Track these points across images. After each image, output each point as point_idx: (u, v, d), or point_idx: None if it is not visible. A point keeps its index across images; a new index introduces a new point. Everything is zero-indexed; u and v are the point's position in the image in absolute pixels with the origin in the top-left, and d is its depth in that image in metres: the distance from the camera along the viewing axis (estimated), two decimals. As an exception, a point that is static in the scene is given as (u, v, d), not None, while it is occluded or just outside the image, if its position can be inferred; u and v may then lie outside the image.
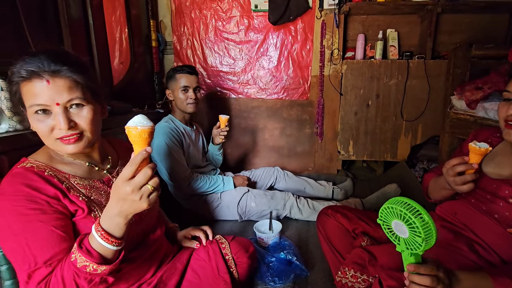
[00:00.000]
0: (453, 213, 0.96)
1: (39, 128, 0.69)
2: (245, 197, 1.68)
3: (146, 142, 0.60)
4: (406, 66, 2.04)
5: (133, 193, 0.57)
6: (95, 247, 0.61)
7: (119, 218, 0.60)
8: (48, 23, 1.25)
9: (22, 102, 0.69)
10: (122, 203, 0.59)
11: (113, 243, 0.61)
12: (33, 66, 0.65)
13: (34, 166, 0.70)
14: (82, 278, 0.61)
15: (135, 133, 0.59)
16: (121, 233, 0.62)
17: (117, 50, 2.03)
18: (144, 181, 0.58)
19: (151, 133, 0.60)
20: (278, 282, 1.12)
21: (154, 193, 0.60)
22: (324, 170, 2.37)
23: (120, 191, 0.58)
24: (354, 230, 1.11)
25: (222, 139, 1.82)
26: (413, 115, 2.11)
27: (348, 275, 0.97)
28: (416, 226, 0.60)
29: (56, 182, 0.69)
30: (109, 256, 0.63)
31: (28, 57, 0.67)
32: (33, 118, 0.68)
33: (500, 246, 0.82)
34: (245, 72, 2.31)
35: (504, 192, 0.83)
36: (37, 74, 0.65)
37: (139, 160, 0.58)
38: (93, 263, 0.60)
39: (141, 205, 0.59)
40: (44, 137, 0.71)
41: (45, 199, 0.66)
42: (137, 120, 0.59)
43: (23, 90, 0.67)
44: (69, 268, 0.61)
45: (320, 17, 2.11)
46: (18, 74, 0.66)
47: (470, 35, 2.09)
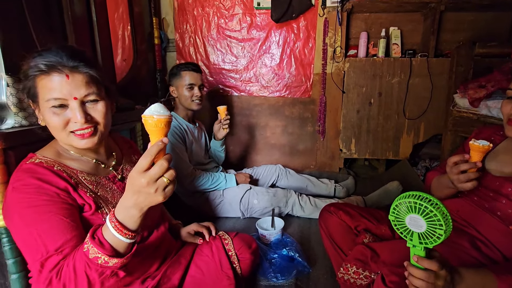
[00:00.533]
0: (456, 211, 0.96)
1: (54, 122, 0.70)
2: (248, 194, 1.69)
3: (162, 132, 0.58)
4: (409, 64, 2.04)
5: (148, 186, 0.56)
6: (108, 238, 0.61)
7: (134, 210, 0.59)
8: (52, 19, 1.26)
9: (35, 96, 0.70)
10: (138, 195, 0.57)
11: (126, 236, 0.60)
12: (53, 60, 0.67)
13: (43, 162, 0.71)
14: (93, 270, 0.60)
15: (151, 122, 0.56)
16: (135, 226, 0.61)
17: (120, 47, 2.03)
18: (160, 173, 0.56)
19: (168, 123, 0.58)
20: (280, 278, 1.13)
21: (170, 186, 0.58)
22: (326, 168, 2.37)
23: (135, 183, 0.57)
24: (356, 227, 1.11)
25: (225, 129, 1.81)
26: (416, 114, 2.11)
27: (350, 272, 0.98)
28: (437, 219, 0.60)
29: (66, 176, 0.71)
30: (121, 249, 0.62)
31: (45, 51, 0.68)
32: (48, 111, 0.69)
33: (502, 243, 0.82)
34: (248, 70, 2.31)
35: (507, 189, 0.83)
36: (56, 68, 0.67)
37: (155, 151, 0.56)
38: (105, 255, 0.59)
39: (157, 198, 0.57)
40: (57, 131, 0.71)
41: (55, 191, 0.67)
42: (154, 109, 0.57)
43: (40, 84, 0.68)
44: (81, 258, 0.61)
45: (323, 14, 2.11)
46: (35, 68, 0.67)
47: (473, 33, 2.09)
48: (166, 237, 0.95)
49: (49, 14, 1.24)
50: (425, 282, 0.64)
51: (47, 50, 0.69)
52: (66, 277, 0.62)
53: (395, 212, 0.69)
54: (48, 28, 1.22)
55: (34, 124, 0.95)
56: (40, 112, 0.72)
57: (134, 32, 1.96)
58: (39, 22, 1.16)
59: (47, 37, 1.18)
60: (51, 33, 1.22)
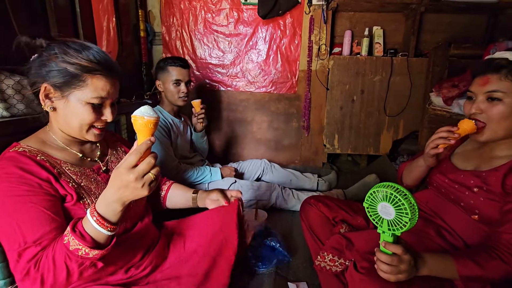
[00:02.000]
0: (425, 202, 1.03)
1: (89, 116, 0.75)
2: (232, 188, 1.72)
3: (150, 132, 0.63)
4: (390, 63, 2.12)
5: (136, 181, 0.60)
6: (88, 231, 0.63)
7: (116, 204, 0.62)
8: (35, 10, 1.24)
9: (71, 87, 0.72)
10: (124, 189, 0.61)
11: (107, 228, 0.63)
12: (110, 63, 0.76)
13: (27, 151, 0.71)
14: (73, 261, 0.62)
15: (141, 123, 0.61)
16: (116, 219, 0.64)
17: (105, 39, 2.00)
18: (147, 169, 0.60)
19: (156, 124, 0.64)
20: (261, 267, 1.18)
21: (155, 182, 0.63)
22: (310, 163, 2.44)
23: (123, 178, 0.60)
24: (334, 218, 1.17)
25: (201, 122, 1.83)
26: (396, 111, 2.20)
27: (327, 259, 1.03)
28: (404, 208, 0.66)
29: (48, 166, 0.72)
30: (101, 241, 0.64)
31: (91, 50, 0.74)
32: (85, 105, 0.74)
33: (464, 231, 0.89)
34: (234, 65, 2.33)
35: (469, 182, 0.89)
36: (112, 72, 0.76)
37: (144, 149, 0.61)
38: (86, 247, 0.61)
39: (142, 192, 0.61)
40: (82, 124, 0.76)
41: (37, 182, 0.68)
42: (144, 110, 0.62)
43: (91, 81, 0.73)
44: (61, 250, 0.62)
45: (309, 12, 2.15)
46: (92, 67, 0.72)
47: (451, 35, 2.18)
48: (150, 228, 0.98)
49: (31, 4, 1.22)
50: (390, 265, 0.69)
51: (97, 50, 0.75)
52: (44, 268, 0.64)
53: (369, 200, 0.74)
54: (30, 18, 1.20)
55: (15, 115, 0.94)
56: (65, 101, 0.74)
57: (119, 24, 1.94)
58: (21, 12, 1.15)
59: (29, 27, 1.17)
60: (33, 24, 1.21)
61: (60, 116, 0.76)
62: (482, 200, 0.83)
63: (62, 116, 0.76)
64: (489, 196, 0.82)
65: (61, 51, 0.72)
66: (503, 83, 0.78)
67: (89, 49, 0.74)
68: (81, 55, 0.72)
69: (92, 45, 0.76)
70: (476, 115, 0.84)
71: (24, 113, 0.98)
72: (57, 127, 0.79)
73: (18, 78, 0.96)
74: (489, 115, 0.81)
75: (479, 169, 0.88)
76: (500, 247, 0.74)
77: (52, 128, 0.80)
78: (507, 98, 0.78)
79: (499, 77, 0.79)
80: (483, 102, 0.83)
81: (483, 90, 0.82)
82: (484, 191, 0.83)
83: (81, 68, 0.71)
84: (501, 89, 0.78)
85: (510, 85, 0.78)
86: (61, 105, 0.74)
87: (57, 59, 0.71)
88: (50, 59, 0.71)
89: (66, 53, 0.71)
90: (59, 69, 0.71)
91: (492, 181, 0.82)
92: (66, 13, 1.44)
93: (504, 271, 0.72)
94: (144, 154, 0.61)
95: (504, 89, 0.78)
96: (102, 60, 0.75)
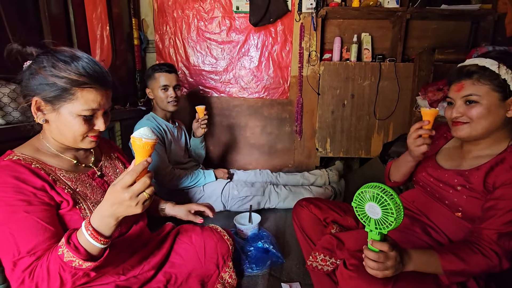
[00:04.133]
0: (412, 201, 1.06)
1: (80, 128, 0.75)
2: (228, 186, 1.76)
3: (148, 153, 0.65)
4: (379, 68, 2.18)
5: (131, 200, 0.62)
6: (82, 243, 0.65)
7: (110, 219, 0.65)
8: (29, 19, 1.26)
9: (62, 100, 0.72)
10: (118, 206, 0.63)
11: (101, 242, 0.65)
12: (99, 72, 0.75)
13: (21, 159, 0.72)
14: (67, 272, 0.65)
15: (140, 144, 0.63)
16: (109, 233, 0.67)
17: (98, 47, 2.02)
18: (142, 189, 0.63)
19: (154, 146, 0.66)
20: (255, 268, 1.20)
21: (149, 200, 0.65)
22: (303, 167, 2.47)
23: (118, 196, 0.62)
24: (325, 219, 1.20)
25: (203, 128, 1.85)
26: (385, 114, 2.25)
27: (318, 259, 1.06)
28: (390, 207, 0.69)
29: (43, 174, 0.73)
30: (95, 253, 0.67)
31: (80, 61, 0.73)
32: (76, 117, 0.74)
33: (448, 228, 0.93)
34: (227, 72, 2.37)
35: (453, 181, 0.93)
36: (102, 83, 0.76)
37: (140, 169, 0.62)
38: (80, 259, 0.64)
39: (136, 210, 0.64)
40: (76, 135, 0.76)
41: (32, 191, 0.69)
42: (143, 132, 0.64)
43: (81, 94, 0.73)
44: (55, 261, 0.64)
45: (299, 20, 2.21)
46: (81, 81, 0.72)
47: (437, 41, 2.25)
48: (145, 231, 0.99)
49: (25, 14, 1.24)
50: (377, 262, 0.72)
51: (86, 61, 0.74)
52: (39, 277, 0.65)
53: (357, 200, 0.77)
54: (25, 28, 1.22)
55: (11, 122, 0.96)
56: (56, 114, 0.74)
57: (112, 33, 1.97)
58: (15, 22, 1.17)
59: (24, 37, 1.19)
60: (27, 33, 1.23)
61: (53, 127, 0.77)
62: (465, 198, 0.87)
63: (55, 128, 0.76)
64: (472, 194, 0.86)
65: (50, 64, 0.71)
66: (477, 87, 0.83)
67: (78, 60, 0.73)
68: (70, 68, 0.71)
69: (82, 55, 0.75)
70: (457, 118, 0.89)
71: (19, 120, 0.99)
72: (51, 136, 0.79)
73: (14, 86, 0.98)
74: (469, 116, 0.86)
75: (462, 168, 0.92)
76: (482, 242, 0.77)
77: (46, 136, 0.80)
78: (483, 100, 0.83)
79: (472, 82, 0.84)
80: (462, 105, 0.87)
81: (460, 95, 0.87)
82: (467, 189, 0.87)
83: (71, 82, 0.71)
84: (476, 92, 0.83)
85: (483, 88, 0.83)
86: (53, 118, 0.75)
87: (46, 73, 0.70)
88: (39, 72, 0.70)
89: (55, 66, 0.70)
90: (48, 83, 0.70)
91: (474, 179, 0.86)
92: (60, 22, 1.47)
93: (485, 265, 0.75)
94: (140, 174, 0.63)
95: (478, 92, 0.83)
96: (91, 72, 0.74)
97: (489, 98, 0.82)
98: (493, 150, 0.87)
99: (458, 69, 0.89)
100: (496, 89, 0.81)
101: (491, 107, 0.82)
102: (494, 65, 0.81)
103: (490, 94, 0.82)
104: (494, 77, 0.81)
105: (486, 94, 0.82)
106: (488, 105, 0.82)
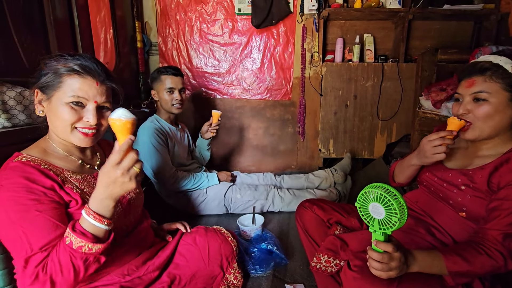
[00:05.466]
0: (415, 201, 1.06)
1: (67, 116, 0.76)
2: (231, 190, 1.75)
3: (129, 132, 0.67)
4: (381, 69, 2.17)
5: (123, 176, 0.64)
6: (87, 228, 0.67)
7: (108, 201, 0.67)
8: (34, 23, 1.28)
9: (52, 89, 0.76)
10: (113, 186, 0.65)
11: (104, 223, 0.67)
12: (90, 66, 0.77)
13: (30, 160, 0.74)
14: (78, 258, 0.66)
15: (120, 124, 0.65)
16: (110, 214, 0.69)
17: (102, 50, 2.04)
18: (131, 164, 0.65)
19: (134, 124, 0.67)
20: (259, 270, 1.20)
21: (140, 175, 0.67)
22: (306, 168, 2.47)
23: (110, 175, 0.64)
24: (329, 220, 1.20)
25: (213, 133, 1.86)
26: (388, 115, 2.25)
27: (322, 261, 1.06)
28: (393, 208, 0.69)
29: (52, 174, 0.74)
30: (101, 236, 0.69)
31: (81, 57, 0.78)
32: (64, 105, 0.76)
33: (452, 228, 0.92)
34: (230, 73, 2.38)
35: (457, 180, 0.92)
36: (92, 74, 0.77)
37: (125, 148, 0.65)
38: (88, 243, 0.66)
39: (130, 185, 0.66)
40: (64, 125, 0.77)
41: (42, 190, 0.71)
42: (120, 112, 0.66)
43: (68, 81, 0.76)
44: (64, 250, 0.66)
45: (301, 21, 2.21)
46: (69, 67, 0.75)
47: (440, 41, 2.25)
48: (149, 232, 1.00)
49: (31, 18, 1.26)
50: (381, 263, 0.72)
51: (83, 56, 0.79)
52: (52, 270, 0.67)
53: (361, 201, 0.77)
54: (30, 32, 1.24)
55: (17, 125, 0.97)
56: (49, 103, 0.77)
57: (116, 35, 1.99)
58: (21, 26, 1.18)
59: (29, 40, 1.21)
60: (32, 37, 1.25)
61: (48, 120, 0.80)
62: (469, 198, 0.86)
63: (49, 120, 0.79)
64: (476, 194, 0.85)
65: (52, 59, 0.77)
66: (488, 84, 0.83)
67: (78, 57, 0.78)
68: (65, 60, 0.76)
69: (86, 55, 0.80)
70: (463, 115, 0.88)
71: (25, 123, 1.00)
72: (52, 132, 0.82)
73: (20, 89, 1.00)
74: (475, 114, 0.85)
75: (466, 168, 0.91)
76: (487, 243, 0.77)
77: (51, 136, 0.82)
78: (492, 98, 0.82)
79: (484, 78, 0.83)
80: (470, 103, 0.86)
81: (470, 91, 0.86)
82: (471, 189, 0.87)
83: (61, 69, 0.75)
84: (486, 89, 0.83)
85: (494, 86, 0.82)
86: (47, 108, 0.78)
87: (45, 65, 0.77)
88: (42, 66, 0.77)
89: (54, 59, 0.77)
90: (45, 73, 0.76)
91: (478, 179, 0.86)
92: (65, 25, 1.48)
93: (490, 266, 0.75)
94: (126, 152, 0.65)
95: (489, 89, 0.82)
96: (84, 62, 0.77)
97: (499, 96, 0.81)
98: (498, 150, 0.87)
99: (471, 65, 0.88)
100: (507, 88, 0.81)
101: (499, 107, 0.82)
102: (508, 63, 0.81)
103: (500, 93, 0.81)
104: (507, 76, 0.81)
105: (496, 92, 0.81)
106: (497, 104, 0.82)
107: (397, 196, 0.69)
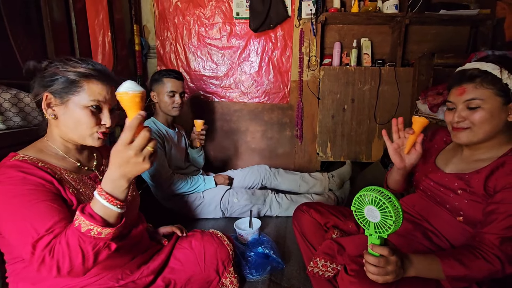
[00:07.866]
0: (412, 205, 1.06)
1: (88, 119, 0.78)
2: (228, 194, 1.74)
3: (139, 106, 0.61)
4: (379, 73, 2.18)
5: (136, 156, 0.60)
6: (98, 211, 0.63)
7: (121, 181, 0.63)
8: (32, 26, 1.28)
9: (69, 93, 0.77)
10: (125, 166, 0.61)
11: (117, 205, 0.64)
12: (106, 72, 0.82)
13: (27, 159, 0.74)
14: (87, 243, 0.63)
15: (127, 98, 0.60)
16: (123, 196, 0.65)
17: (100, 53, 2.04)
18: (144, 143, 0.61)
19: (143, 98, 0.62)
20: (255, 274, 1.19)
21: (154, 154, 0.64)
22: (304, 171, 2.45)
23: (123, 155, 0.61)
24: (326, 224, 1.19)
25: (200, 143, 1.87)
26: (385, 118, 2.25)
27: (319, 265, 1.05)
28: (388, 210, 0.68)
29: (50, 171, 0.74)
30: (111, 220, 0.65)
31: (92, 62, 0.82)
32: (83, 109, 0.78)
33: (450, 233, 0.92)
34: (228, 77, 2.39)
35: (453, 184, 0.92)
36: (108, 79, 0.82)
37: (135, 124, 0.60)
38: (97, 226, 0.62)
39: (144, 166, 0.62)
40: (85, 128, 0.79)
41: (40, 182, 0.70)
42: (127, 85, 0.60)
43: (87, 86, 0.78)
44: (73, 234, 0.62)
45: (299, 25, 2.23)
46: (87, 73, 0.78)
47: (436, 45, 2.26)
48: (144, 235, 0.99)
49: (28, 21, 1.26)
50: (377, 267, 0.72)
51: (93, 62, 0.82)
52: (59, 254, 0.63)
53: (356, 204, 0.76)
54: (27, 35, 1.23)
55: (12, 127, 0.97)
56: (64, 107, 0.78)
57: (114, 39, 1.99)
58: (18, 29, 1.18)
59: (26, 44, 1.20)
60: (30, 40, 1.24)
61: (61, 123, 0.79)
62: (466, 202, 0.86)
63: (63, 123, 0.79)
64: (473, 198, 0.85)
65: (62, 63, 0.78)
66: (480, 91, 0.83)
67: (87, 61, 0.81)
68: (79, 64, 0.78)
69: (90, 60, 0.83)
70: (459, 123, 0.88)
71: (20, 125, 1.00)
72: (58, 135, 0.82)
73: (15, 91, 0.99)
74: (471, 120, 0.85)
75: (463, 172, 0.91)
76: (484, 247, 0.76)
77: (51, 136, 0.82)
78: (485, 105, 0.82)
79: (475, 85, 0.83)
80: (464, 110, 0.86)
81: (462, 99, 0.86)
82: (467, 193, 0.86)
83: (79, 74, 0.77)
84: (478, 96, 0.83)
85: (486, 92, 0.82)
86: (61, 112, 0.78)
87: (58, 69, 0.77)
88: (52, 70, 0.77)
89: (67, 64, 0.78)
90: (59, 77, 0.77)
91: (474, 183, 0.85)
92: (63, 28, 1.48)
93: (487, 270, 0.74)
94: (137, 129, 0.61)
95: (481, 96, 0.82)
96: (98, 67, 0.81)
97: (492, 102, 0.81)
98: (494, 154, 0.86)
99: (460, 73, 0.88)
100: (499, 93, 0.81)
101: (494, 112, 0.82)
102: (496, 69, 0.81)
103: (493, 98, 0.81)
104: (497, 81, 0.81)
105: (489, 98, 0.82)
106: (491, 109, 0.82)
107: (392, 199, 0.69)
